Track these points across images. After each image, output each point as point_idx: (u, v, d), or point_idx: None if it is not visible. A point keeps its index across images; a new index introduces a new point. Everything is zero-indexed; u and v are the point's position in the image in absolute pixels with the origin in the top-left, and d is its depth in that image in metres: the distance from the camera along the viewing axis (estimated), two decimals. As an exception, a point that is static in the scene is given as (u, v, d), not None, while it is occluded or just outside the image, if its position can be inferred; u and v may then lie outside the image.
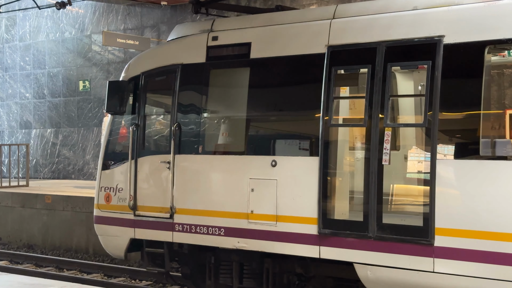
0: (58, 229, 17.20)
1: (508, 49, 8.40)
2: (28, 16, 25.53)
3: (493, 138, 7.94)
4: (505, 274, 7.27)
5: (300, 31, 9.27)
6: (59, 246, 17.04)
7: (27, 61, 26.25)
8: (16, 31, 26.62)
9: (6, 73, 26.94)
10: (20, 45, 26.50)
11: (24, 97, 26.44)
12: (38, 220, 17.69)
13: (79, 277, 13.74)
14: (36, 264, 15.38)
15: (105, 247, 11.29)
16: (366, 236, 8.30)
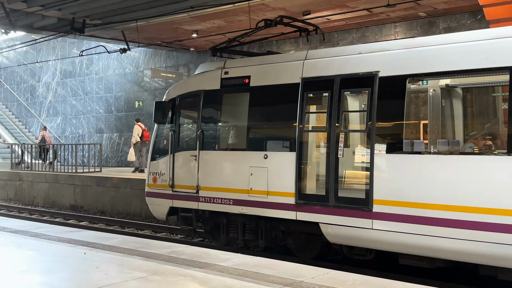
0: (121, 201, 17.30)
1: (422, 80, 8.46)
2: (101, 58, 25.61)
3: (412, 140, 7.95)
4: (418, 229, 7.34)
5: (284, 68, 9.31)
6: (122, 212, 17.13)
7: (100, 87, 26.33)
8: (93, 68, 26.70)
9: (86, 96, 27.04)
10: (96, 77, 26.58)
11: (98, 112, 26.53)
12: (107, 195, 17.80)
13: (135, 232, 13.87)
14: (106, 224, 15.50)
15: (152, 212, 11.40)
16: (327, 205, 8.37)
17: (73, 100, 27.74)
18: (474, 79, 8.51)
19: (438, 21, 15.93)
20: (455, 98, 9.06)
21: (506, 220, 6.64)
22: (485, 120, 9.45)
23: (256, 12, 15.58)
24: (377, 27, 17.28)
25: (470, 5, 14.40)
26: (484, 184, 6.89)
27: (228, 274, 6.19)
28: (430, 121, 8.93)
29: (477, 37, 7.39)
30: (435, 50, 7.63)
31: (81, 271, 6.33)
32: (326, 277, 6.13)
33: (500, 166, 6.84)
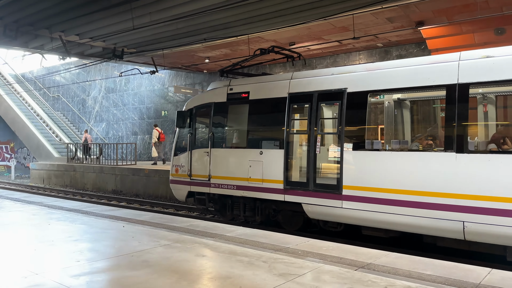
0: (151, 187, 17.24)
1: (380, 94, 8.45)
2: (136, 78, 25.54)
3: (372, 140, 7.94)
4: (377, 208, 7.37)
5: (275, 85, 9.30)
6: (152, 195, 17.09)
7: (135, 100, 26.19)
8: (130, 85, 26.57)
9: (125, 107, 26.90)
10: (131, 93, 26.44)
11: (133, 119, 26.40)
12: (141, 182, 17.73)
13: (161, 210, 13.84)
14: (139, 204, 15.43)
15: (175, 195, 11.36)
16: (308, 189, 8.39)
17: (115, 110, 27.65)
18: (419, 94, 8.51)
19: (392, 50, 15.94)
20: (404, 108, 9.06)
21: (442, 200, 6.67)
22: (427, 125, 9.46)
23: (253, 43, 15.59)
24: (346, 55, 17.28)
25: (416, 38, 14.42)
26: (426, 173, 6.91)
27: (233, 242, 6.19)
28: (386, 126, 8.92)
29: (422, 62, 7.40)
30: (390, 72, 7.63)
31: (121, 240, 6.31)
32: (306, 244, 6.13)
33: (438, 160, 6.86)
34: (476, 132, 7.61)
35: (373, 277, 4.59)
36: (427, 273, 4.78)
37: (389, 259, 5.34)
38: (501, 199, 6.13)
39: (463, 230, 6.49)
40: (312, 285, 4.31)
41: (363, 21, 12.73)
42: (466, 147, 6.59)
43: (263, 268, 4.88)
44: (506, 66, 6.34)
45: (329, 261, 5.22)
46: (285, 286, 4.29)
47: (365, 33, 13.79)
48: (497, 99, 7.93)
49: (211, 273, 4.74)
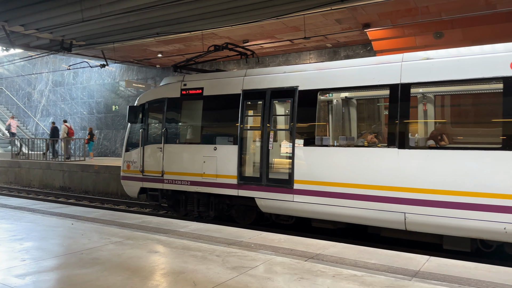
0: (101, 183, 16.63)
1: (329, 93, 8.66)
2: (85, 71, 24.47)
3: (321, 136, 8.12)
4: (326, 201, 7.55)
5: (229, 82, 9.26)
6: (102, 191, 16.49)
7: (85, 94, 25.10)
8: (78, 79, 25.41)
9: (73, 101, 25.70)
10: (80, 86, 25.30)
11: (82, 114, 25.29)
12: (90, 178, 17.04)
13: (112, 207, 13.40)
14: (89, 201, 14.87)
15: (126, 192, 11.01)
16: (261, 184, 8.44)
17: (62, 104, 26.33)
18: (365, 93, 8.82)
19: (340, 51, 16.40)
20: (351, 107, 9.35)
21: (386, 193, 6.97)
22: (372, 122, 9.83)
23: (207, 39, 15.42)
24: (297, 54, 17.56)
25: (363, 39, 14.94)
26: (371, 168, 7.18)
27: (186, 237, 6.12)
28: (334, 123, 9.17)
29: (368, 63, 7.65)
30: (338, 72, 7.84)
31: (69, 238, 6.04)
32: (259, 237, 6.19)
33: (382, 155, 7.15)
34: (417, 129, 8.02)
35: (322, 267, 4.72)
36: (372, 262, 4.98)
37: (337, 250, 5.52)
38: (438, 191, 6.51)
39: (405, 221, 6.83)
40: (264, 277, 4.36)
41: (313, 21, 12.99)
42: (407, 143, 6.92)
43: (217, 262, 4.87)
44: (443, 68, 6.73)
45: (280, 253, 5.30)
46: (238, 279, 4.31)
47: (315, 34, 14.08)
48: (435, 99, 8.40)
49: (164, 268, 4.66)
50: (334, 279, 4.32)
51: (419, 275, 4.56)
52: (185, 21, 13.45)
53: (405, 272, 4.63)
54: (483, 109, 8.59)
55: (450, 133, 8.12)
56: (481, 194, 6.16)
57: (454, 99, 8.98)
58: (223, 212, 9.67)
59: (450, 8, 11.18)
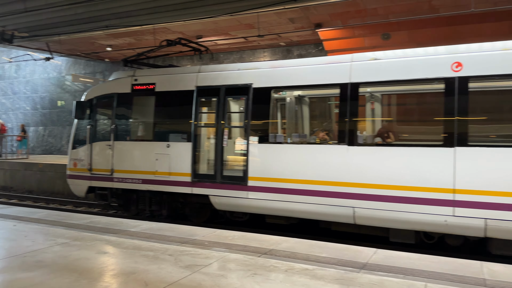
0: (46, 182, 15.81)
1: (282, 91, 8.77)
2: (28, 64, 23.08)
3: (275, 134, 8.21)
4: (279, 197, 7.66)
5: (182, 78, 9.13)
6: (47, 191, 15.68)
7: (28, 89, 23.68)
8: (21, 72, 23.94)
9: (15, 95, 24.17)
10: (23, 80, 23.84)
11: (25, 109, 23.85)
12: (34, 177, 16.15)
13: (58, 207, 12.76)
14: (33, 201, 14.07)
15: (73, 191, 10.54)
16: (215, 181, 8.41)
17: (3, 99, 24.70)
18: (317, 91, 9.04)
19: (293, 49, 16.67)
20: (304, 105, 9.54)
21: (336, 189, 7.19)
22: (324, 120, 10.10)
23: (159, 33, 15.09)
24: (251, 51, 17.63)
25: (315, 39, 15.27)
26: (322, 164, 7.37)
27: (137, 237, 5.97)
28: (288, 120, 9.31)
29: (320, 62, 7.83)
30: (291, 70, 7.96)
31: (11, 240, 5.69)
32: (213, 235, 6.17)
33: (333, 152, 7.35)
34: (365, 127, 8.34)
35: (275, 262, 4.79)
36: (322, 256, 5.13)
37: (290, 245, 5.62)
38: (384, 186, 6.81)
39: (354, 215, 7.09)
40: (218, 274, 4.35)
41: (267, 20, 13.10)
42: (356, 140, 7.18)
43: (169, 261, 4.79)
44: (390, 68, 7.04)
45: (234, 250, 5.32)
46: (191, 277, 4.27)
47: (269, 32, 14.21)
48: (382, 98, 8.77)
49: (114, 269, 4.52)
50: (287, 273, 4.40)
51: (367, 267, 4.75)
52: (137, 15, 13.05)
53: (354, 265, 4.81)
54: (427, 108, 9.08)
55: (396, 130, 8.52)
56: (424, 188, 6.52)
57: (400, 98, 9.42)
58: (176, 210, 9.53)
59: (397, 10, 11.70)
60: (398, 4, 11.29)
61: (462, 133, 6.35)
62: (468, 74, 6.43)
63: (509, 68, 6.19)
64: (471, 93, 6.41)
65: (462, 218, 6.26)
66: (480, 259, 6.40)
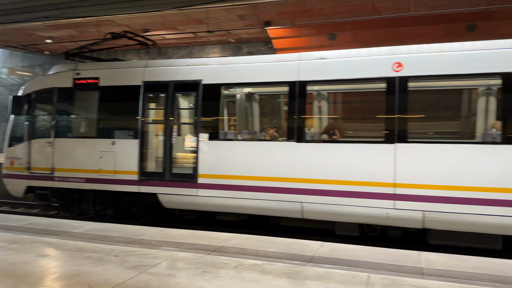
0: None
1: (232, 87, 8.76)
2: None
3: (225, 130, 8.23)
4: (230, 194, 7.67)
5: (129, 72, 8.84)
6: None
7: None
8: None
9: None
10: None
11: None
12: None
13: (-6, 210, 11.93)
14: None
15: (10, 191, 9.88)
16: (164, 179, 8.28)
17: None
18: (267, 89, 9.13)
19: (243, 46, 16.72)
20: (254, 102, 9.61)
21: (285, 184, 7.34)
22: (273, 117, 10.23)
23: (104, 26, 14.50)
24: (201, 47, 17.46)
25: (264, 37, 15.41)
26: (272, 160, 7.49)
27: (81, 238, 5.73)
28: (238, 117, 9.33)
29: (269, 60, 7.92)
30: (242, 67, 7.99)
31: None
32: (161, 234, 6.07)
33: (282, 149, 7.49)
34: (312, 124, 8.56)
35: (224, 259, 4.81)
36: (271, 251, 5.22)
37: (239, 241, 5.66)
38: (331, 181, 7.05)
39: (302, 210, 7.27)
40: (166, 274, 4.29)
41: (217, 15, 13.02)
42: (304, 137, 7.37)
43: (115, 262, 4.65)
44: (336, 68, 7.28)
45: (184, 249, 5.26)
46: (138, 278, 4.17)
47: (219, 28, 14.14)
48: (329, 96, 9.04)
49: (56, 273, 4.31)
50: (236, 269, 4.43)
51: (314, 260, 4.90)
52: (79, 6, 12.45)
53: (302, 258, 4.94)
54: (370, 106, 9.50)
55: (341, 128, 8.83)
56: (367, 183, 6.83)
57: (345, 97, 9.77)
58: (123, 210, 9.24)
59: (342, 11, 12.10)
60: (343, 4, 11.68)
61: (402, 130, 6.72)
62: (408, 74, 6.80)
63: (445, 69, 6.62)
64: (411, 92, 6.79)
65: (402, 210, 6.63)
66: (419, 249, 6.83)
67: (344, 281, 4.12)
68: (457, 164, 6.36)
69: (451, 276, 4.46)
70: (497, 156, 6.19)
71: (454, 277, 4.43)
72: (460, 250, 6.68)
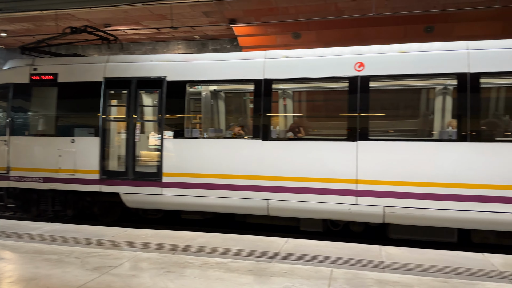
0: None
1: (197, 85, 8.67)
2: None
3: (191, 128, 8.14)
4: (195, 192, 7.60)
5: (89, 68, 8.56)
6: None
7: None
8: None
9: None
10: None
11: None
12: None
13: None
14: None
15: (-39, 193, 9.35)
16: (127, 178, 8.09)
17: None
18: (232, 86, 9.11)
19: (208, 43, 16.60)
20: (220, 99, 9.58)
21: (251, 182, 7.37)
22: (239, 115, 10.24)
23: (63, 20, 13.98)
24: (165, 43, 17.18)
25: (230, 34, 15.38)
26: (238, 158, 7.49)
27: (39, 240, 5.51)
28: (204, 115, 9.27)
29: (235, 57, 7.90)
30: (207, 64, 7.92)
31: None
32: (124, 234, 5.94)
33: (248, 146, 7.49)
34: (278, 122, 8.65)
35: (189, 258, 4.77)
36: (237, 248, 5.23)
37: (205, 239, 5.64)
38: (296, 179, 7.15)
39: (267, 207, 7.33)
40: (128, 275, 4.21)
41: (181, 11, 12.86)
42: (270, 135, 7.42)
43: (75, 264, 4.51)
44: (301, 66, 7.37)
45: (147, 249, 5.18)
46: (100, 279, 4.07)
47: (183, 24, 13.97)
48: (294, 94, 9.16)
49: (12, 276, 4.12)
50: (201, 268, 4.41)
51: (279, 256, 4.96)
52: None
53: (267, 255, 4.99)
54: (334, 105, 9.69)
55: (306, 126, 8.96)
56: (331, 180, 6.98)
57: (310, 95, 9.92)
58: (83, 210, 8.96)
59: (306, 10, 12.27)
60: (307, 4, 11.85)
61: (363, 128, 6.91)
62: (369, 73, 7.00)
63: (404, 69, 6.87)
64: (372, 92, 6.99)
65: (364, 206, 6.83)
66: (380, 243, 7.05)
67: (308, 276, 4.19)
68: (415, 160, 6.62)
69: (410, 269, 4.64)
70: (453, 153, 6.49)
71: (413, 270, 4.62)
72: (419, 244, 6.96)
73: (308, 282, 4.06)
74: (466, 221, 6.45)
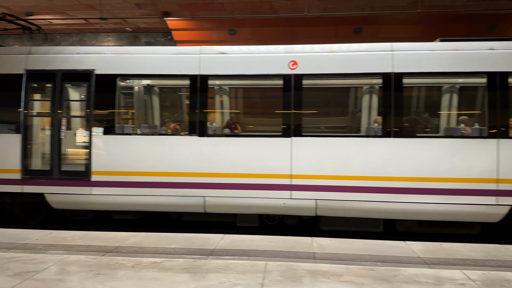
0: None
1: (129, 79, 8.38)
2: None
3: (122, 124, 7.84)
4: (127, 191, 7.35)
5: (7, 59, 7.86)
6: None
7: None
8: None
9: None
10: None
11: None
12: None
13: None
14: None
15: None
16: (52, 178, 7.60)
17: None
18: (167, 81, 8.93)
19: (141, 36, 16.06)
20: (154, 94, 9.32)
21: (188, 179, 7.28)
22: (175, 111, 10.05)
23: (-23, 6, 12.72)
24: (94, 35, 16.33)
25: (164, 28, 15.00)
26: (174, 155, 7.36)
27: (-51, 247, 5.00)
28: (136, 110, 8.97)
29: (169, 52, 7.73)
30: (140, 58, 7.67)
31: None
32: (49, 237, 5.59)
33: (184, 143, 7.39)
34: (214, 118, 8.62)
35: (120, 259, 4.61)
36: (171, 247, 5.15)
37: (137, 239, 5.48)
38: (232, 175, 7.19)
39: (204, 204, 7.30)
40: (55, 279, 3.97)
41: (111, 2, 12.31)
42: (206, 131, 7.38)
43: (-7, 271, 4.16)
44: (236, 63, 7.41)
45: (75, 251, 4.92)
46: (22, 285, 3.79)
47: (113, 15, 13.37)
48: (230, 91, 9.18)
49: None
50: (134, 269, 4.28)
51: (215, 253, 4.97)
52: None
53: (203, 252, 4.98)
54: (269, 102, 9.88)
55: (242, 122, 9.04)
56: (266, 175, 7.13)
57: (246, 92, 10.02)
58: (4, 212, 8.26)
59: (241, 7, 12.34)
60: (242, 1, 11.92)
61: (297, 125, 7.13)
62: (302, 72, 7.22)
63: (334, 68, 7.17)
64: (305, 89, 7.23)
65: (297, 200, 7.06)
66: (312, 235, 7.33)
67: (244, 271, 4.25)
68: (344, 155, 6.97)
69: (340, 259, 4.89)
70: (379, 148, 6.93)
71: (342, 259, 4.87)
72: (349, 234, 7.35)
73: (243, 276, 4.11)
74: (390, 211, 6.93)
